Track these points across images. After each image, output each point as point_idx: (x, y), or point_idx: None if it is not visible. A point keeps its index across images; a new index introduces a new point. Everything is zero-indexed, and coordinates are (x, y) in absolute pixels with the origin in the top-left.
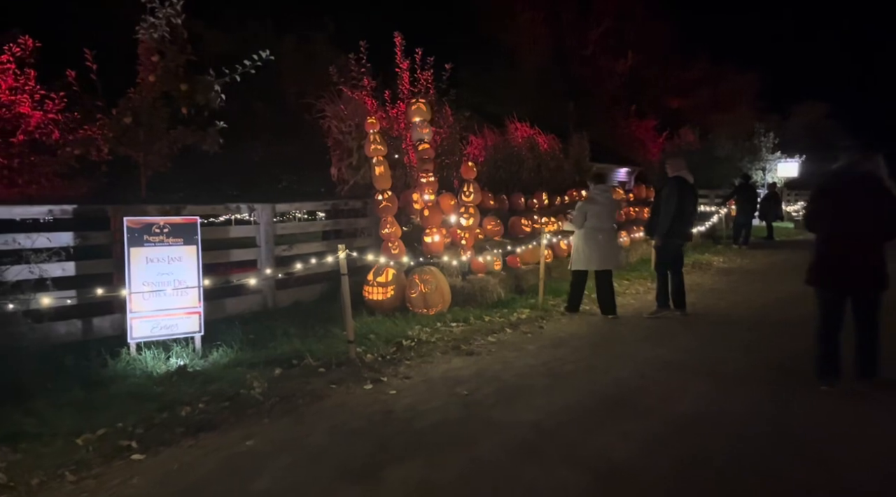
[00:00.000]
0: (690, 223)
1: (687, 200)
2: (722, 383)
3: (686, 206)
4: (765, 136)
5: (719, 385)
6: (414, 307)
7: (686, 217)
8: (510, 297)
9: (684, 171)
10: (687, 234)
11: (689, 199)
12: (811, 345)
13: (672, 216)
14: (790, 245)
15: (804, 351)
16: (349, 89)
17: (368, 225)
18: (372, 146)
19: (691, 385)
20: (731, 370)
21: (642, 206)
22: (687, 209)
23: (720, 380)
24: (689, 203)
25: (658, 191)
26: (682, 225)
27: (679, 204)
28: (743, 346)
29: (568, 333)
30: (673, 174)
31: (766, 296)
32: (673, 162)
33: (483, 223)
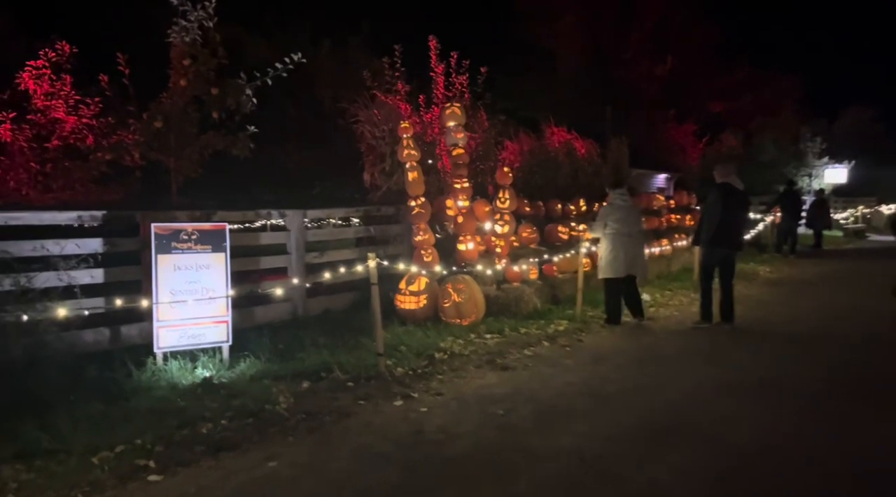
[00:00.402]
0: (739, 231)
1: (733, 208)
2: (785, 409)
3: (732, 213)
4: (811, 141)
5: (783, 411)
6: (447, 317)
7: (733, 225)
8: (546, 308)
9: (732, 177)
10: (735, 242)
11: (736, 207)
12: (881, 365)
13: (716, 224)
14: (839, 255)
15: (875, 373)
16: (382, 94)
17: (401, 232)
18: (405, 151)
19: (751, 410)
20: (793, 393)
21: (683, 213)
22: (733, 217)
23: (783, 404)
24: (736, 210)
25: (705, 198)
26: (728, 233)
27: (724, 211)
28: (802, 366)
29: (609, 348)
30: (720, 180)
31: (821, 310)
32: (721, 168)
33: (518, 230)
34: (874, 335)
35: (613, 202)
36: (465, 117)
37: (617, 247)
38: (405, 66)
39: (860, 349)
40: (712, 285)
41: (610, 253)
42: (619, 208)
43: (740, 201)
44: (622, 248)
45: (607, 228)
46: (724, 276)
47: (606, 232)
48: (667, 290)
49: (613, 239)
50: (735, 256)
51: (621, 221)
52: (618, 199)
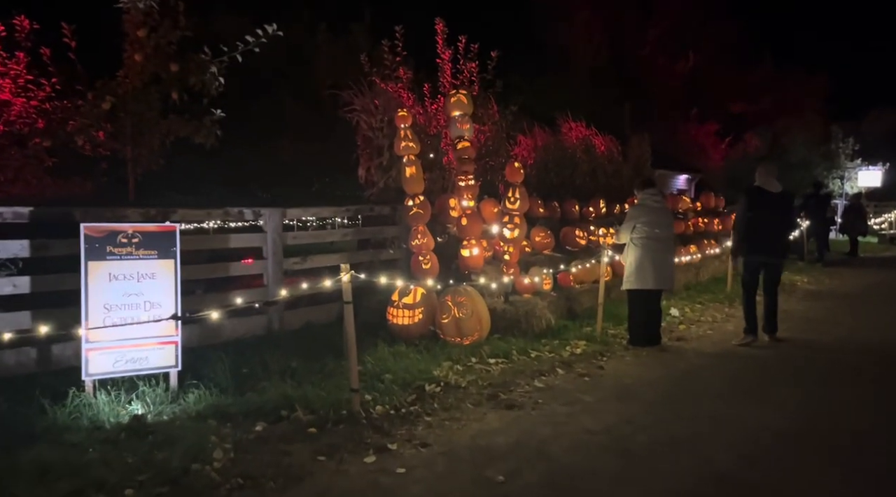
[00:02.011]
0: (778, 238)
1: (764, 212)
2: (872, 479)
3: (763, 218)
4: (843, 142)
5: (868, 482)
6: (445, 335)
7: (767, 231)
8: (561, 324)
9: (765, 179)
10: (773, 249)
11: (768, 211)
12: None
13: (743, 230)
14: (879, 264)
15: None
16: (382, 81)
17: (398, 234)
18: (402, 143)
19: (828, 480)
20: (876, 450)
21: (711, 216)
22: (766, 222)
23: (868, 471)
24: (768, 215)
25: (733, 201)
26: (762, 240)
27: (753, 217)
28: (878, 407)
29: (635, 378)
30: (756, 183)
31: (879, 330)
32: (759, 169)
33: (531, 234)
34: None
35: (644, 203)
36: (472, 107)
37: (646, 254)
38: (411, 55)
39: None
40: (754, 296)
41: (637, 261)
42: (651, 210)
43: (774, 204)
44: (652, 256)
45: (635, 232)
46: (767, 285)
47: (634, 236)
48: (697, 304)
49: (643, 245)
50: (778, 265)
51: (652, 225)
52: (649, 199)
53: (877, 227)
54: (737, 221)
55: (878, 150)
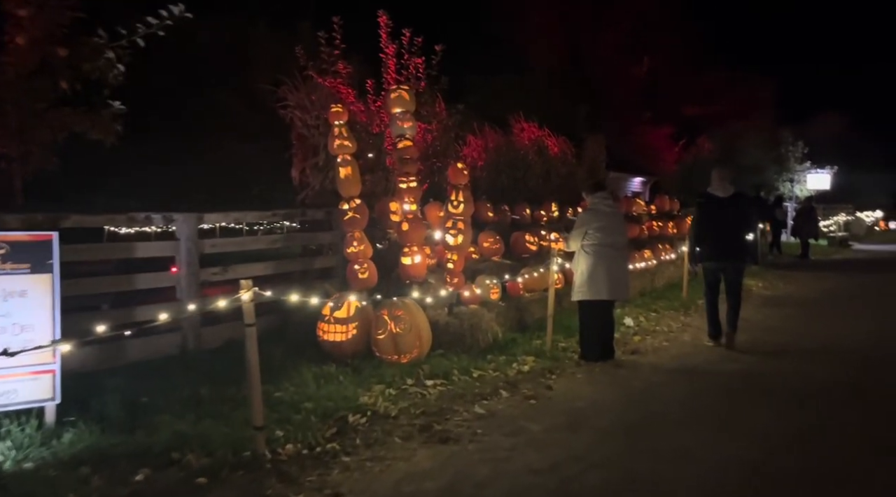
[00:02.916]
0: (732, 241)
1: (717, 217)
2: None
3: (716, 223)
4: (793, 146)
5: None
6: (381, 353)
7: (721, 235)
8: (510, 338)
9: (718, 182)
10: (728, 253)
11: (720, 215)
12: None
13: (695, 237)
14: (829, 266)
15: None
16: (319, 75)
17: (334, 240)
18: (336, 141)
19: None
20: (860, 486)
21: (666, 219)
22: (719, 226)
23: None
24: (720, 219)
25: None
26: (716, 245)
27: (704, 222)
28: (850, 432)
29: (587, 400)
30: (709, 188)
31: (844, 340)
32: (713, 173)
33: (478, 240)
34: None
35: (595, 207)
36: (414, 104)
37: (599, 262)
38: (356, 50)
39: None
40: (716, 302)
41: (589, 269)
42: (603, 215)
43: (727, 208)
44: (605, 264)
45: (586, 239)
46: (728, 288)
47: (585, 244)
48: (652, 312)
49: (595, 252)
50: (737, 268)
51: (605, 231)
52: (600, 203)
53: (826, 229)
54: (691, 228)
55: (825, 153)
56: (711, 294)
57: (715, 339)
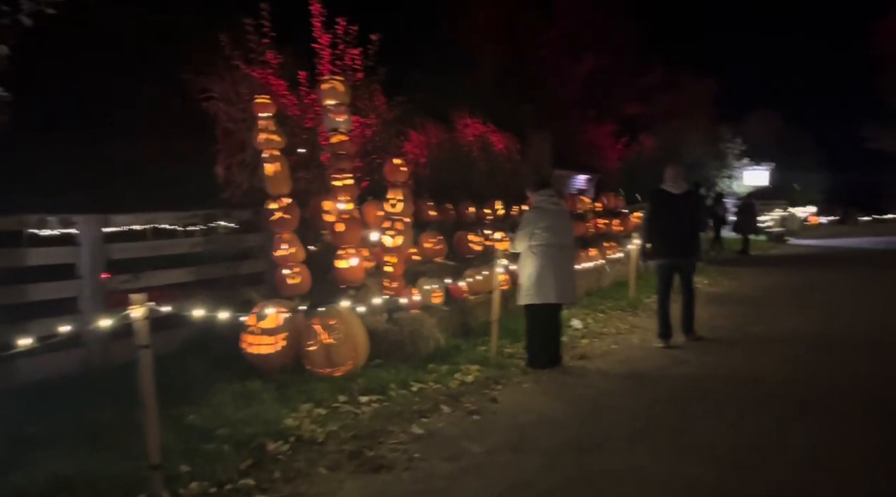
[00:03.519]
0: (683, 238)
1: (668, 214)
2: None
3: (668, 220)
4: (731, 142)
5: None
6: (313, 366)
7: (673, 232)
8: (453, 344)
9: (672, 179)
10: (680, 250)
11: (672, 212)
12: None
13: (647, 234)
14: (769, 261)
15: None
16: (246, 65)
17: (263, 243)
18: (263, 135)
19: None
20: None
21: (612, 217)
22: (671, 223)
23: None
24: (670, 217)
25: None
26: (668, 242)
27: (653, 220)
28: (809, 441)
29: (534, 414)
30: (662, 185)
31: (790, 339)
32: (666, 170)
33: (420, 240)
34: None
35: (540, 206)
36: (348, 95)
37: (546, 263)
38: (291, 42)
39: (885, 403)
40: (668, 300)
41: (537, 271)
42: (549, 213)
43: (678, 205)
44: (553, 266)
45: (533, 239)
46: (682, 287)
47: (532, 244)
48: (600, 313)
49: (542, 253)
50: (688, 265)
51: (551, 230)
52: (545, 202)
53: (764, 225)
54: (643, 225)
55: (762, 150)
56: (664, 294)
57: (665, 340)
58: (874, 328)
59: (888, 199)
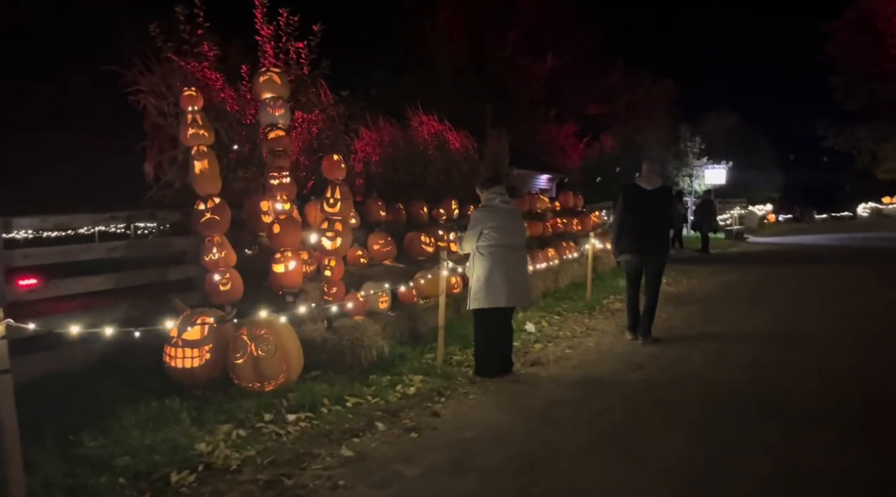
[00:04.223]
0: (653, 234)
1: (639, 209)
2: None
3: (638, 215)
4: (690, 141)
5: None
6: (241, 380)
7: (642, 228)
8: (398, 353)
9: (647, 175)
10: (649, 247)
11: (643, 208)
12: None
13: (616, 229)
14: (728, 259)
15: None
16: (180, 57)
17: (193, 247)
18: (190, 130)
19: None
20: None
21: (571, 216)
22: (641, 219)
23: None
24: (641, 212)
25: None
26: (637, 238)
27: (624, 215)
28: (790, 462)
29: (479, 429)
30: (636, 180)
31: (751, 338)
32: (643, 165)
33: (368, 242)
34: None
35: (490, 204)
36: (287, 89)
37: (496, 265)
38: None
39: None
40: (637, 295)
41: (486, 274)
42: (499, 212)
43: (649, 200)
44: (503, 267)
45: (482, 240)
46: (647, 285)
47: (481, 245)
48: (555, 315)
49: (492, 254)
50: (657, 261)
51: (502, 230)
52: (496, 200)
53: (723, 223)
54: (614, 220)
55: (719, 149)
56: (633, 288)
57: (633, 333)
58: (834, 327)
59: (842, 198)
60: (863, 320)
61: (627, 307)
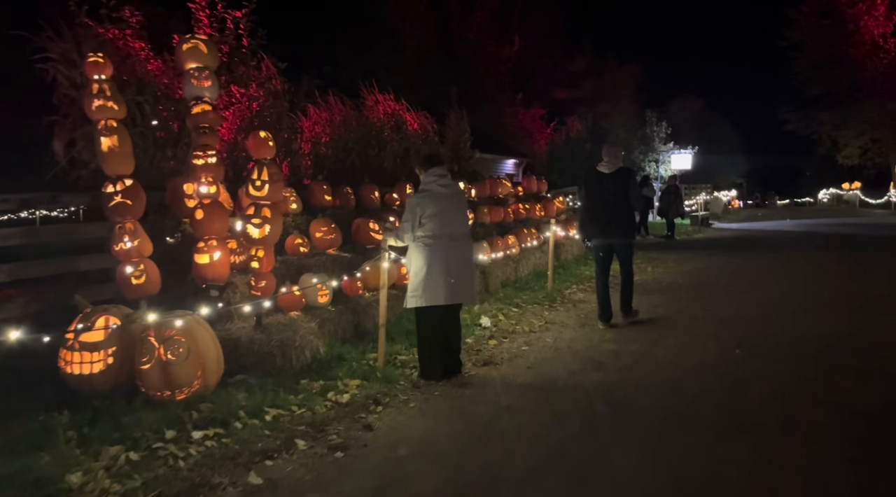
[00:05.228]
0: (616, 218)
1: (597, 193)
2: None
3: (597, 199)
4: (657, 126)
5: None
6: (148, 388)
7: (605, 212)
8: (337, 352)
9: (608, 158)
10: (613, 230)
11: (603, 191)
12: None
13: (581, 214)
14: (693, 245)
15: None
16: (97, 22)
17: (107, 234)
18: (96, 102)
19: None
20: None
21: (534, 201)
22: (603, 203)
23: None
24: (603, 195)
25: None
26: (601, 222)
27: (587, 199)
28: (760, 485)
29: (415, 444)
30: (599, 165)
31: (717, 334)
32: (603, 149)
33: (310, 229)
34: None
35: (428, 188)
36: (216, 59)
37: (434, 259)
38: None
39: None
40: (606, 281)
41: (426, 268)
42: (439, 198)
43: (610, 184)
44: (443, 261)
45: (420, 230)
46: (620, 267)
47: (419, 235)
48: (513, 308)
49: (431, 246)
50: (624, 244)
51: (442, 219)
52: (435, 183)
53: (689, 209)
54: (579, 206)
55: (685, 134)
56: (602, 275)
57: (605, 322)
58: (804, 320)
59: (804, 183)
60: (834, 313)
61: (598, 294)
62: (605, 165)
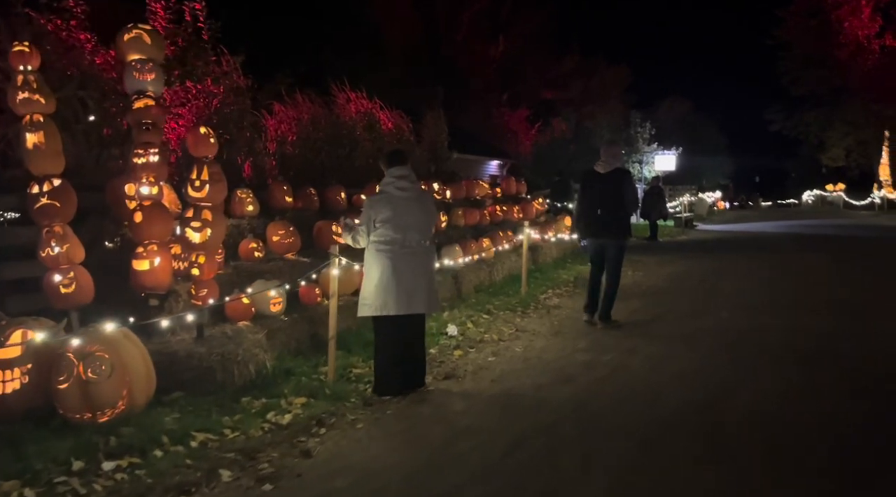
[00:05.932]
0: (609, 218)
1: (593, 194)
2: None
3: (593, 200)
4: (641, 127)
5: None
6: (66, 410)
7: (599, 212)
8: (286, 366)
9: (604, 158)
10: (606, 230)
11: (597, 192)
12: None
13: (576, 214)
14: (676, 248)
15: None
16: (37, 11)
17: (36, 239)
18: (20, 95)
19: None
20: None
21: (512, 203)
22: (596, 203)
23: None
24: (598, 196)
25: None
26: (595, 222)
27: (582, 199)
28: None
29: (357, 473)
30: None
31: (697, 343)
32: (601, 149)
33: (267, 232)
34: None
35: (385, 190)
36: (161, 50)
37: (386, 267)
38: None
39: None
40: (599, 277)
41: (381, 276)
42: (394, 202)
43: (604, 184)
44: (396, 269)
45: (375, 235)
46: (606, 269)
47: (373, 241)
48: (484, 314)
49: (382, 253)
50: (615, 245)
51: (398, 224)
52: (391, 186)
53: (673, 210)
54: (575, 205)
55: (671, 135)
56: (596, 271)
57: (589, 314)
58: (790, 326)
59: (789, 185)
60: (821, 317)
61: (588, 287)
62: (601, 165)
